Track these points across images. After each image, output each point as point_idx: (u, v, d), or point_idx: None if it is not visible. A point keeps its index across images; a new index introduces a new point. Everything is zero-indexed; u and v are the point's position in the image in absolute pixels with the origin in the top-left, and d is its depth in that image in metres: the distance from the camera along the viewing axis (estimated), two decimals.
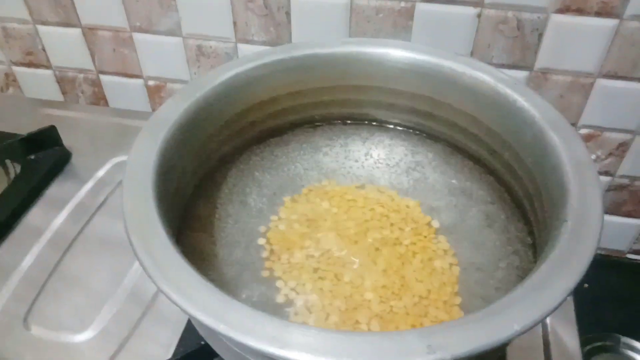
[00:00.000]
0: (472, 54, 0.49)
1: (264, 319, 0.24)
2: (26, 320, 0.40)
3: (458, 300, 0.33)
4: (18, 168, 0.52)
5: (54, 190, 0.50)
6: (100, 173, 0.51)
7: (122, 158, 0.53)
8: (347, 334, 0.24)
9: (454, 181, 0.41)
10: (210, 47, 0.54)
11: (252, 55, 0.40)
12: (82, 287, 0.42)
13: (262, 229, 0.38)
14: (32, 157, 0.51)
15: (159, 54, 0.56)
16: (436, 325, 0.24)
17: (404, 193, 0.40)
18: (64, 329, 0.39)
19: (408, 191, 0.40)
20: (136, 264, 0.43)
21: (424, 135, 0.44)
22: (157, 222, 0.28)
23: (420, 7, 0.47)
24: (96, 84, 0.60)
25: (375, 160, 0.43)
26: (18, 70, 0.62)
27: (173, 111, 0.35)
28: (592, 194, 0.29)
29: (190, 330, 0.39)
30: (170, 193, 0.33)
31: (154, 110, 0.61)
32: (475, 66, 0.39)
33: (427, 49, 0.40)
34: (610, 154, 0.55)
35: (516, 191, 0.37)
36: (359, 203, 0.40)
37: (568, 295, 0.25)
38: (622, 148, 0.54)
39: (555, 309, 0.25)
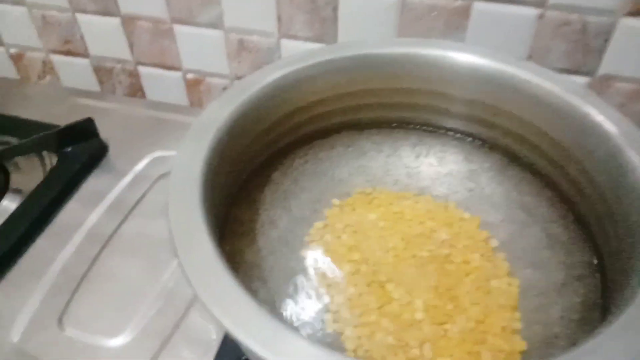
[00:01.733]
0: (529, 56, 0.47)
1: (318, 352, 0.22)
2: (61, 320, 0.39)
3: (518, 326, 0.31)
4: (54, 159, 0.51)
5: (91, 183, 0.49)
6: (138, 168, 0.50)
7: (160, 153, 0.52)
8: None
9: (512, 194, 0.38)
10: (252, 41, 0.52)
11: (301, 55, 0.38)
12: (118, 287, 0.41)
13: (307, 238, 0.36)
14: (69, 149, 0.50)
15: (199, 47, 0.54)
16: None
17: (457, 205, 0.38)
18: (97, 332, 0.38)
19: (462, 203, 0.38)
20: (174, 265, 0.42)
21: (479, 143, 0.41)
22: (206, 235, 0.26)
23: (478, 6, 0.45)
24: (133, 75, 0.59)
25: (426, 168, 0.41)
26: (55, 58, 0.61)
27: (219, 114, 0.33)
28: None
29: (230, 342, 0.38)
30: (214, 198, 0.32)
31: (191, 103, 0.60)
32: (542, 73, 0.36)
33: (487, 52, 0.37)
34: None
35: (582, 210, 0.35)
36: (407, 215, 0.37)
37: None
38: None
39: None
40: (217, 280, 0.25)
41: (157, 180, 0.49)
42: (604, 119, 0.32)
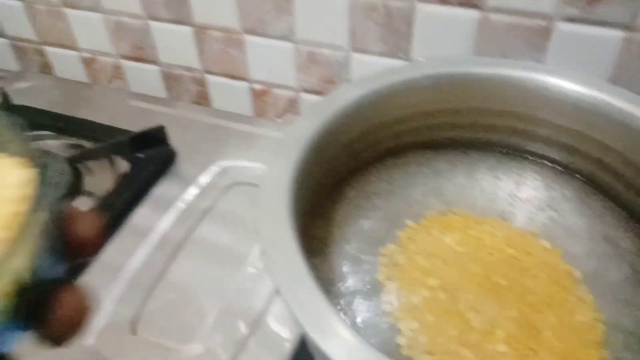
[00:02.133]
0: (612, 80, 0.45)
1: None
2: (133, 325, 0.39)
3: None
4: (123, 163, 0.52)
5: (160, 190, 0.50)
6: (206, 176, 0.50)
7: (226, 162, 0.52)
8: None
9: (595, 225, 0.37)
10: (322, 54, 0.52)
11: (381, 72, 0.38)
12: (187, 294, 0.41)
13: (380, 259, 0.36)
14: (141, 155, 0.51)
15: (268, 58, 0.55)
16: None
17: (538, 233, 0.37)
18: (171, 336, 0.38)
19: (542, 231, 0.37)
20: (242, 274, 0.42)
21: (560, 169, 0.40)
22: (297, 254, 0.26)
23: (561, 27, 0.43)
24: (201, 83, 0.60)
25: (504, 192, 0.40)
26: (126, 63, 0.63)
27: (305, 131, 0.33)
28: None
29: (303, 352, 0.38)
30: (299, 215, 0.32)
31: (255, 113, 0.60)
32: (634, 101, 0.34)
33: (575, 76, 0.36)
34: None
35: None
36: (486, 241, 0.37)
37: None
38: None
39: None
40: (312, 303, 0.25)
41: (225, 189, 0.50)
42: None
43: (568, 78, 0.36)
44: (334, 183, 0.40)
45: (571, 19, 0.42)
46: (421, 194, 0.40)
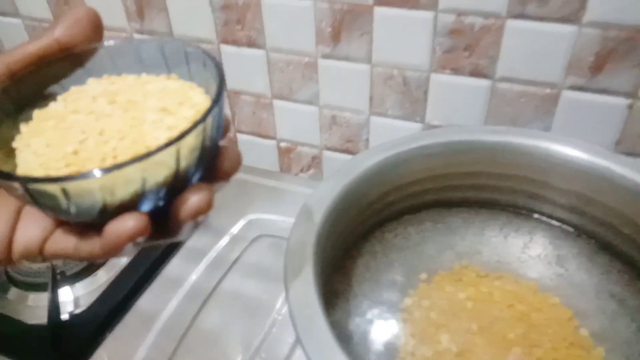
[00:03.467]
0: (618, 143, 0.48)
1: None
2: None
3: None
4: None
5: (192, 242, 0.53)
6: (234, 229, 0.54)
7: (253, 215, 0.56)
8: None
9: (602, 283, 0.39)
10: (344, 117, 0.56)
11: (399, 140, 0.41)
12: (217, 343, 0.44)
13: (398, 314, 0.38)
14: None
15: (294, 120, 0.59)
16: None
17: (547, 290, 0.39)
18: None
19: (551, 288, 0.39)
20: (270, 321, 0.45)
21: (568, 229, 0.42)
22: (322, 317, 0.29)
23: (566, 94, 0.47)
24: (232, 141, 0.65)
25: (514, 250, 0.42)
26: None
27: (328, 194, 0.36)
28: None
29: None
30: (321, 271, 0.35)
31: (280, 169, 0.64)
32: (636, 166, 0.37)
33: (581, 145, 0.39)
34: None
35: None
36: (496, 297, 0.39)
37: None
38: None
39: None
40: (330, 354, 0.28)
41: (252, 241, 0.53)
42: None
43: (571, 145, 0.39)
44: (354, 240, 0.43)
45: (577, 88, 0.46)
46: (435, 250, 0.43)
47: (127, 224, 0.20)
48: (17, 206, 0.23)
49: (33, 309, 0.48)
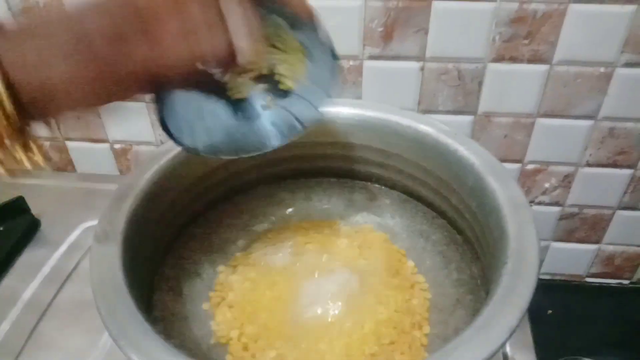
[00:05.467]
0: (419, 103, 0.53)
1: None
2: None
3: (425, 341, 0.35)
4: None
5: (25, 258, 0.50)
6: (71, 238, 0.52)
7: (92, 223, 0.54)
8: None
9: (411, 224, 0.43)
10: None
11: None
12: (58, 351, 0.42)
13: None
14: (1, 228, 0.52)
15: (123, 119, 0.58)
16: None
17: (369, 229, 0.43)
18: None
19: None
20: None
21: (381, 183, 0.46)
22: (127, 295, 0.29)
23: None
24: (62, 150, 0.62)
25: (336, 208, 0.45)
26: None
27: (137, 180, 0.37)
28: (528, 234, 0.32)
29: None
30: (138, 258, 0.35)
31: (120, 172, 0.63)
32: (419, 119, 0.42)
33: (373, 105, 0.43)
34: (558, 186, 0.58)
35: (466, 233, 0.40)
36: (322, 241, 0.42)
37: (512, 332, 0.27)
38: (568, 179, 0.57)
39: (502, 345, 0.27)
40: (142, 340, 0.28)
41: (90, 248, 0.51)
42: (469, 153, 0.38)
43: (364, 108, 0.43)
44: (185, 221, 0.43)
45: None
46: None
47: None
48: None
49: None
